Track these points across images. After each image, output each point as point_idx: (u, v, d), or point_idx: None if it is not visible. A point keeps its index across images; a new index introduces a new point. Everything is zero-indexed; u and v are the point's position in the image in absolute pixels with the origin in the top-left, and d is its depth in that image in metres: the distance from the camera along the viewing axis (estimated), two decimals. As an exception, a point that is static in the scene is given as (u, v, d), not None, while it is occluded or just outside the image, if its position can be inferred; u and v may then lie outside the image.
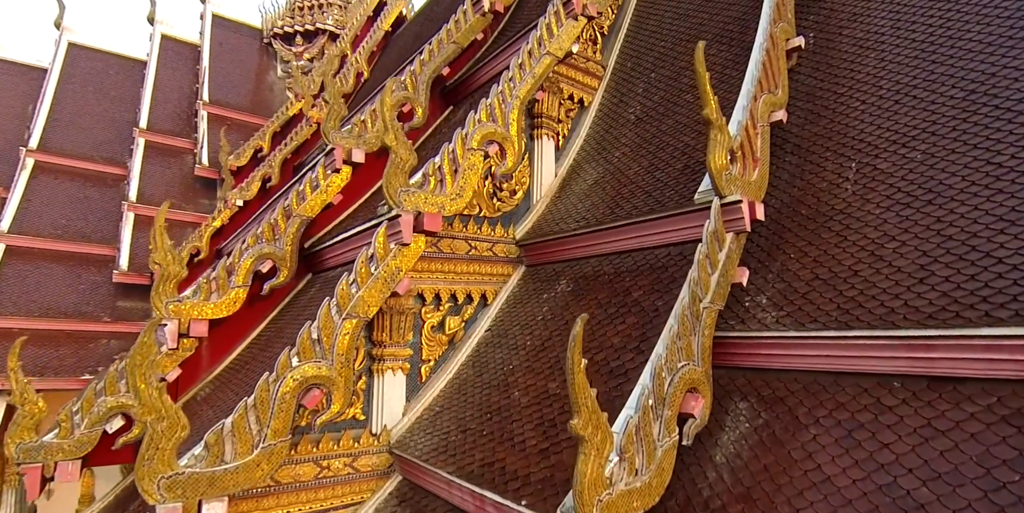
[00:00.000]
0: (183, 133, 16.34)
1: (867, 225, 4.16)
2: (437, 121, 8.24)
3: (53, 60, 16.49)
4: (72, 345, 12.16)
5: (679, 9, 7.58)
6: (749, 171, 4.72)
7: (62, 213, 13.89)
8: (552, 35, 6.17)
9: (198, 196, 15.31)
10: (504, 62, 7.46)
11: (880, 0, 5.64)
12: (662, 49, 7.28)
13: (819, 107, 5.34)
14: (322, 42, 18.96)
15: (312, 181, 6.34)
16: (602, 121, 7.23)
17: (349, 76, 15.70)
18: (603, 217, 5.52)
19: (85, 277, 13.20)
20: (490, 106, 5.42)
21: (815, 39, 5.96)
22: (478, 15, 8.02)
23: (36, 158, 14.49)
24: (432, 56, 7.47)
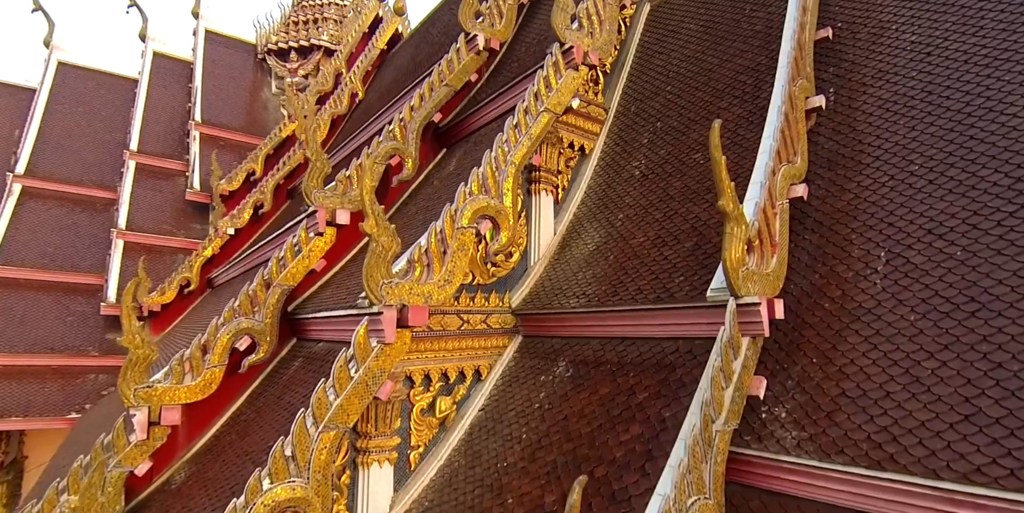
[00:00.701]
0: (175, 154, 15.96)
1: (900, 333, 3.72)
2: (429, 167, 7.81)
3: (42, 80, 16.10)
4: (59, 381, 11.83)
5: (687, 50, 7.11)
6: (767, 259, 4.29)
7: (50, 241, 13.53)
8: (550, 88, 5.73)
9: (189, 221, 14.94)
10: (500, 107, 7.03)
11: (909, 56, 5.17)
12: (669, 94, 6.82)
13: (842, 178, 4.90)
14: (317, 58, 18.52)
15: (294, 245, 5.93)
16: (604, 173, 6.79)
17: (343, 97, 15.27)
18: (605, 295, 5.09)
19: (73, 308, 12.86)
20: (482, 175, 4.99)
21: (836, 96, 5.50)
22: (472, 54, 7.57)
23: (24, 183, 14.13)
24: (423, 101, 7.03)
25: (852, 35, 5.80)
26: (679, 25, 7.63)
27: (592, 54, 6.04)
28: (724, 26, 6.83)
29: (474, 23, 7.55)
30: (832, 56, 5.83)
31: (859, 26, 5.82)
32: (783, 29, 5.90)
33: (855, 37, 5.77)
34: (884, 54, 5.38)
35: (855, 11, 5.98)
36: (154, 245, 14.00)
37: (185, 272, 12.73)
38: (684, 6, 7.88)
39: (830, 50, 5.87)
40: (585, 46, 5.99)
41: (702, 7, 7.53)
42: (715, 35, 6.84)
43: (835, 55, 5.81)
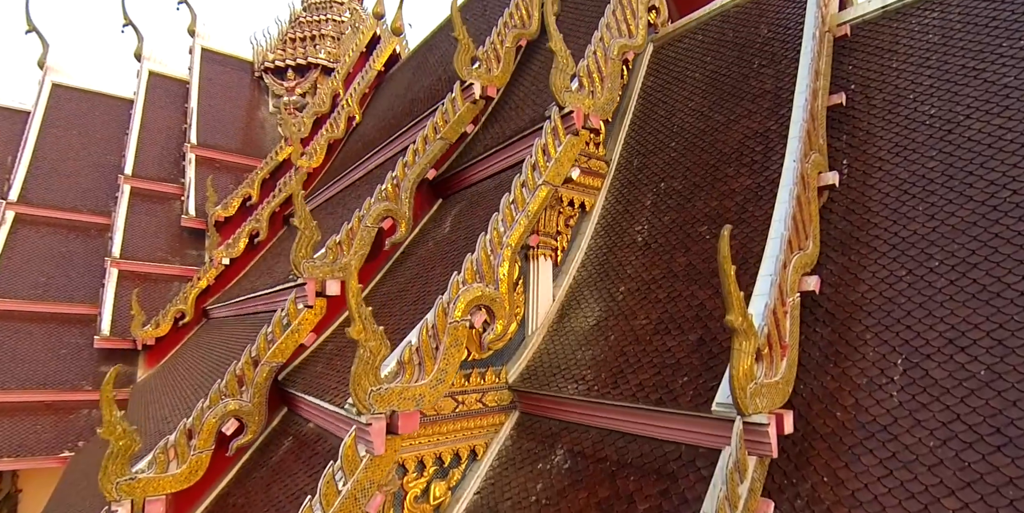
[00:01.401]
0: (170, 177, 15.74)
1: (918, 461, 3.49)
2: (424, 219, 7.57)
3: (36, 102, 15.88)
4: (51, 417, 11.66)
5: (692, 103, 6.84)
6: (776, 364, 4.05)
7: (43, 270, 13.34)
8: (548, 157, 5.48)
9: (185, 247, 14.74)
10: (496, 164, 6.78)
11: (928, 132, 4.90)
12: (673, 151, 6.56)
13: (855, 265, 4.65)
14: (315, 76, 18.25)
15: (282, 319, 5.71)
16: (606, 233, 6.54)
17: (340, 121, 15.03)
18: (606, 385, 4.86)
19: (66, 340, 12.67)
20: (476, 261, 4.75)
21: (849, 169, 5.24)
22: (468, 103, 7.32)
23: (17, 210, 13.93)
24: (417, 156, 6.79)
25: (867, 100, 5.53)
26: (683, 72, 7.36)
27: (593, 117, 5.78)
28: (731, 80, 6.56)
29: (470, 70, 7.29)
30: (846, 123, 5.57)
31: (874, 91, 5.55)
32: (794, 91, 5.65)
33: (870, 103, 5.50)
34: (901, 126, 5.12)
35: (870, 73, 5.71)
36: (149, 273, 13.79)
37: (180, 304, 12.53)
38: (689, 51, 7.60)
39: (844, 116, 5.60)
40: (586, 108, 5.73)
41: (707, 54, 7.25)
42: (721, 89, 6.57)
43: (849, 121, 5.54)
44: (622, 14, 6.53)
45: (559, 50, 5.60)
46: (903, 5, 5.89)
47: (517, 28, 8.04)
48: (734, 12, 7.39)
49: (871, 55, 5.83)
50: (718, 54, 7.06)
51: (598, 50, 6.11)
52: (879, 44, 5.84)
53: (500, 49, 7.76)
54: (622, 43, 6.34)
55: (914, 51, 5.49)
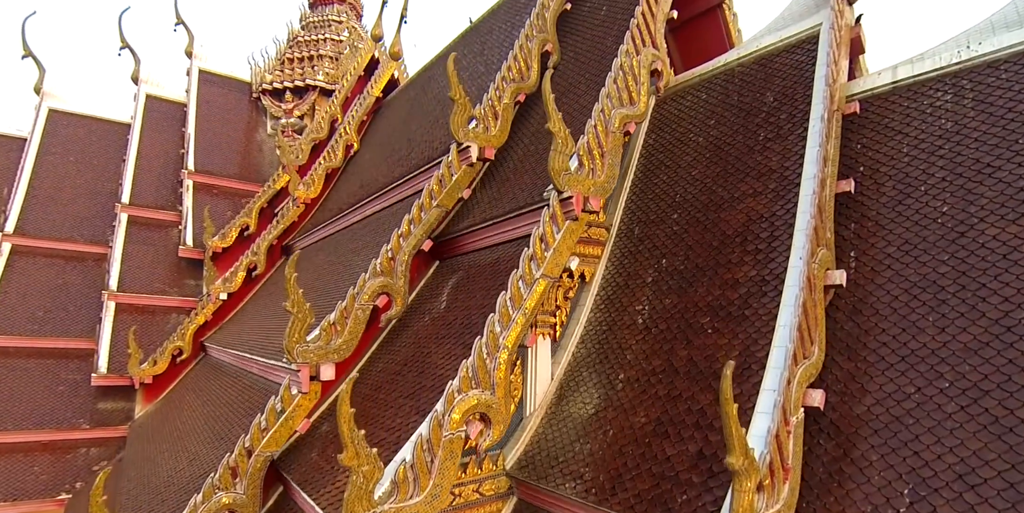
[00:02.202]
0: (167, 204, 15.60)
1: (929, 614, 3.37)
2: (420, 284, 7.44)
3: (33, 128, 15.74)
4: (48, 457, 11.60)
5: (694, 171, 6.68)
6: (778, 490, 3.92)
7: (40, 303, 13.25)
8: (547, 246, 5.34)
9: (183, 277, 14.62)
10: (494, 236, 6.64)
11: (940, 232, 4.74)
12: (675, 224, 6.40)
13: (862, 374, 4.51)
14: (313, 98, 18.06)
15: (275, 406, 5.59)
16: (606, 308, 6.40)
17: (338, 149, 14.89)
18: (604, 489, 4.73)
19: (63, 376, 12.60)
20: (472, 367, 4.62)
21: (856, 263, 5.09)
22: (465, 166, 7.16)
23: (13, 242, 13.82)
24: (412, 226, 6.65)
25: (876, 187, 5.37)
26: (686, 135, 7.19)
27: (594, 199, 5.62)
28: (735, 150, 6.39)
29: (466, 131, 7.13)
30: (855, 209, 5.40)
31: (884, 177, 5.38)
32: (801, 173, 5.50)
33: (879, 190, 5.33)
34: (912, 221, 4.96)
35: (879, 156, 5.54)
36: (147, 305, 13.70)
37: (177, 341, 12.44)
38: (692, 110, 7.43)
39: (853, 201, 5.44)
40: (585, 190, 5.58)
41: (711, 116, 7.08)
42: (725, 160, 6.40)
43: (858, 209, 5.38)
44: (623, 81, 6.36)
45: (557, 131, 5.44)
46: (914, 82, 5.71)
47: (515, 82, 7.87)
48: (739, 71, 7.21)
49: (881, 135, 5.66)
50: (722, 118, 6.88)
51: (598, 124, 5.95)
52: (889, 123, 5.66)
53: (498, 106, 7.60)
54: (623, 114, 6.17)
55: (926, 136, 5.32)
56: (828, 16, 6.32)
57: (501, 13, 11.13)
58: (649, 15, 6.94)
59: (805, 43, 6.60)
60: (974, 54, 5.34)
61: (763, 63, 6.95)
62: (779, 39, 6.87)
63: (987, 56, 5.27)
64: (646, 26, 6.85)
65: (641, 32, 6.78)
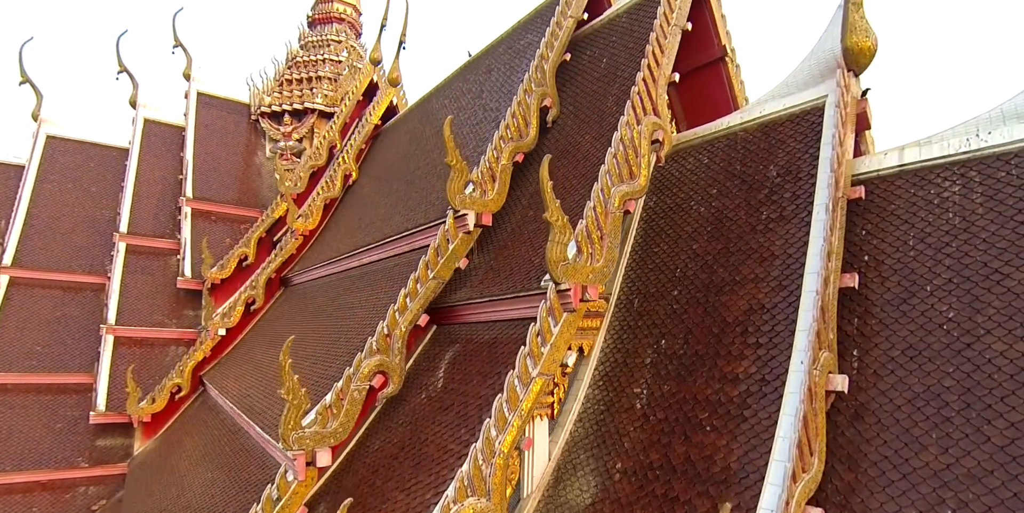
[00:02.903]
0: (166, 232, 15.51)
1: None
2: (418, 350, 7.35)
3: (30, 156, 15.66)
4: (47, 497, 11.59)
5: (696, 246, 6.55)
6: None
7: (38, 338, 13.21)
8: (544, 341, 5.23)
9: (182, 307, 14.56)
10: (491, 314, 6.54)
11: (946, 341, 4.62)
12: (675, 302, 6.28)
13: (863, 489, 4.40)
14: (311, 121, 17.92)
15: (272, 495, 5.52)
16: (604, 386, 6.30)
17: (337, 178, 14.79)
18: (601, 600, 4.66)
19: (62, 413, 12.57)
20: (467, 475, 4.53)
21: (859, 363, 4.98)
22: (462, 234, 7.05)
23: (11, 274, 13.76)
24: (409, 301, 6.54)
25: (881, 282, 5.24)
26: (687, 202, 7.06)
27: (592, 289, 5.51)
28: (737, 227, 6.25)
29: (463, 198, 7.01)
30: (859, 303, 5.28)
31: (889, 271, 5.25)
32: (804, 264, 5.37)
33: (884, 285, 5.21)
34: (916, 324, 4.83)
35: (885, 246, 5.41)
36: (145, 338, 13.65)
37: (176, 378, 12.40)
38: (694, 174, 7.29)
39: (857, 294, 5.31)
40: (584, 278, 5.46)
41: (713, 185, 6.94)
42: (728, 238, 6.27)
43: (862, 304, 5.25)
44: (623, 155, 6.23)
45: (555, 221, 5.32)
46: (922, 167, 5.57)
47: (514, 141, 7.74)
48: (742, 136, 7.07)
49: (887, 222, 5.53)
50: (724, 188, 6.75)
51: (597, 205, 5.82)
52: (895, 210, 5.53)
53: (496, 167, 7.47)
54: (624, 191, 6.04)
55: (932, 230, 5.18)
56: (834, 90, 6.17)
57: (500, 52, 10.97)
58: (650, 80, 6.79)
59: (809, 115, 6.45)
60: (984, 144, 5.20)
61: (767, 131, 6.81)
62: (783, 107, 6.73)
63: (997, 147, 5.13)
64: (647, 92, 6.71)
65: (642, 99, 6.63)
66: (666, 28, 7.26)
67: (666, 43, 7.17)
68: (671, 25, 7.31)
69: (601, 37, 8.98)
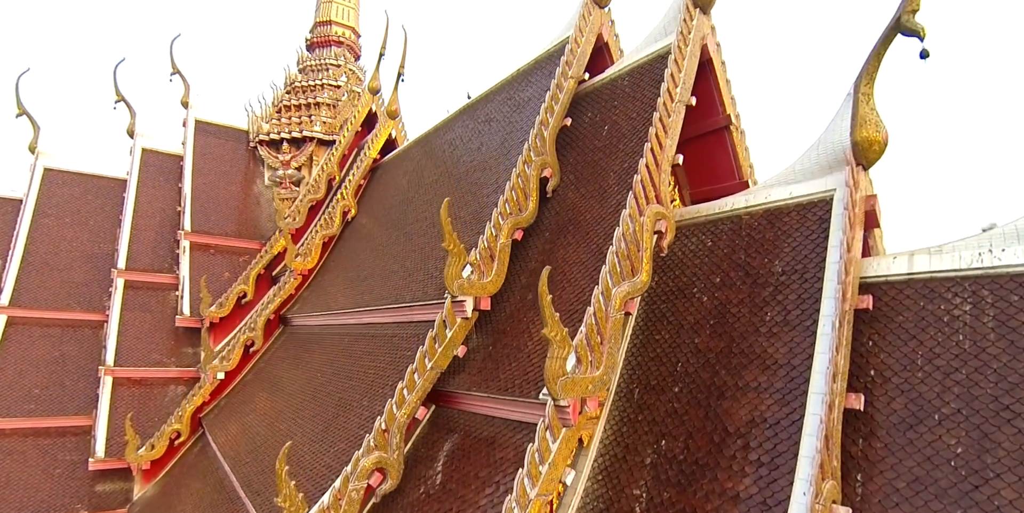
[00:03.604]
0: (164, 267, 15.40)
1: None
2: (416, 432, 7.25)
3: (28, 188, 15.54)
4: (46, 545, 11.61)
5: (698, 341, 6.41)
6: None
7: (36, 380, 13.16)
8: (543, 460, 5.12)
9: (181, 345, 14.49)
10: (492, 409, 6.44)
11: (953, 479, 4.49)
12: (676, 401, 6.16)
13: None
14: (310, 149, 17.73)
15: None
16: (603, 482, 6.19)
17: (335, 215, 14.66)
18: None
19: (60, 457, 12.55)
20: None
21: (863, 491, 4.86)
22: (460, 320, 6.92)
23: (9, 314, 13.70)
24: (406, 394, 6.43)
25: (887, 402, 5.11)
26: (689, 288, 6.91)
27: (591, 402, 5.40)
28: (741, 326, 6.11)
29: (461, 283, 6.88)
30: (864, 422, 5.15)
31: (896, 391, 5.11)
32: (809, 377, 5.25)
33: (890, 406, 5.07)
34: (923, 456, 4.70)
35: (892, 361, 5.27)
36: (144, 378, 13.59)
37: (175, 424, 12.36)
38: (696, 256, 7.14)
39: (863, 413, 5.19)
40: (584, 390, 5.35)
41: (716, 272, 6.79)
42: (731, 337, 6.13)
43: (867, 424, 5.12)
44: (625, 251, 6.09)
45: (554, 337, 5.20)
46: (931, 278, 5.42)
47: (513, 216, 7.59)
48: (746, 221, 6.91)
49: (895, 335, 5.39)
50: (727, 279, 6.60)
51: (598, 311, 5.69)
52: (903, 323, 5.39)
53: (495, 246, 7.33)
54: (625, 292, 5.91)
55: (942, 351, 5.04)
56: (842, 185, 6.01)
57: (500, 101, 10.78)
58: (653, 166, 6.63)
59: (816, 207, 6.30)
60: (997, 262, 5.05)
61: (772, 219, 6.65)
62: (790, 195, 6.57)
63: (1011, 267, 4.98)
64: (650, 179, 6.54)
65: (645, 187, 6.47)
66: (669, 105, 7.08)
67: (669, 122, 6.99)
68: (675, 102, 7.13)
69: (603, 98, 8.80)
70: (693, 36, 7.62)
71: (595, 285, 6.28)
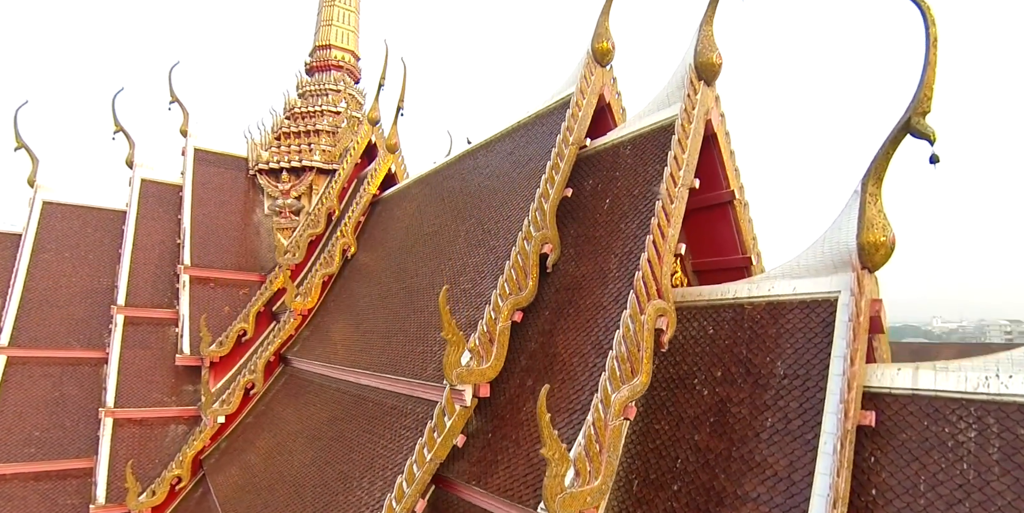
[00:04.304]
0: (164, 302, 15.38)
1: None
2: None
3: (27, 223, 15.49)
4: (48, 592, 11.69)
5: (697, 438, 6.33)
6: None
7: (37, 422, 13.19)
8: (540, 583, 5.10)
9: (181, 382, 14.50)
10: (489, 506, 6.39)
11: None
12: (675, 500, 6.11)
13: None
14: (310, 179, 17.62)
15: None
16: (602, 584, 6.18)
17: (335, 253, 14.59)
18: None
19: (61, 501, 12.61)
20: None
21: None
22: (459, 408, 6.86)
23: (9, 354, 13.72)
24: (406, 487, 6.38)
25: (888, 528, 5.05)
26: (690, 378, 6.84)
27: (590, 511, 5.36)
28: (741, 428, 6.03)
29: (460, 372, 6.81)
30: (863, 547, 5.10)
31: None
32: (809, 496, 5.19)
33: (891, 534, 5.02)
34: (925, 594, 4.66)
35: (893, 484, 5.19)
36: (145, 418, 13.62)
37: (176, 469, 12.42)
38: (698, 343, 7.04)
39: (862, 536, 5.13)
40: (583, 503, 5.30)
41: (717, 364, 6.70)
42: (731, 439, 6.06)
43: None
44: (625, 353, 6.01)
45: (552, 455, 5.14)
46: (936, 397, 5.33)
47: (513, 295, 7.51)
48: (749, 312, 6.81)
49: (897, 454, 5.31)
50: (729, 375, 6.52)
51: (597, 420, 5.63)
52: (907, 442, 5.30)
53: (494, 330, 7.26)
54: (625, 397, 5.84)
55: (946, 479, 4.96)
56: (847, 288, 5.92)
57: (502, 155, 10.65)
58: (655, 260, 6.53)
59: (820, 307, 6.20)
60: (1004, 390, 4.96)
61: (775, 314, 6.56)
62: (793, 291, 6.47)
63: (1018, 397, 4.89)
64: (652, 274, 6.45)
65: (647, 284, 6.38)
66: (672, 190, 6.97)
67: (672, 209, 6.88)
68: (678, 186, 7.01)
69: (604, 165, 8.67)
70: (697, 112, 7.47)
71: (593, 383, 6.22)
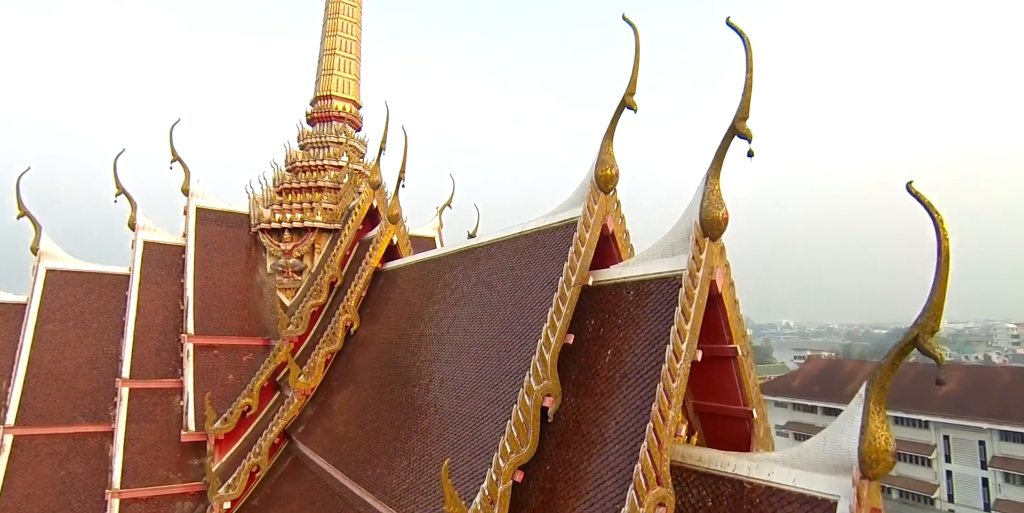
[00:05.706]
0: (168, 371, 15.47)
1: None
2: None
3: (31, 292, 15.54)
4: None
5: None
6: None
7: (44, 505, 13.36)
8: None
9: (187, 457, 14.65)
10: None
11: None
12: None
13: None
14: (312, 238, 17.56)
15: None
16: None
17: (338, 329, 14.59)
18: None
19: (70, 587, 12.87)
20: None
21: None
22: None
23: (15, 434, 13.86)
24: None
25: None
26: None
27: None
28: None
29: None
30: None
31: None
32: None
33: None
34: None
35: None
36: (152, 496, 13.80)
37: (181, 555, 12.60)
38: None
39: None
40: None
41: None
42: None
43: None
44: (624, 553, 6.03)
45: None
46: None
47: (514, 454, 7.49)
48: (748, 490, 6.79)
49: None
50: None
51: None
52: None
53: (495, 492, 7.27)
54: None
55: None
56: (847, 496, 5.88)
57: (502, 271, 10.55)
58: (656, 448, 6.50)
59: (819, 508, 6.18)
60: None
61: (774, 501, 6.53)
62: (792, 482, 6.43)
63: None
64: (652, 464, 6.43)
65: (647, 476, 6.37)
66: (675, 367, 6.90)
67: (674, 388, 6.83)
68: (680, 361, 6.95)
69: (607, 308, 8.58)
70: (702, 275, 7.38)
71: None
